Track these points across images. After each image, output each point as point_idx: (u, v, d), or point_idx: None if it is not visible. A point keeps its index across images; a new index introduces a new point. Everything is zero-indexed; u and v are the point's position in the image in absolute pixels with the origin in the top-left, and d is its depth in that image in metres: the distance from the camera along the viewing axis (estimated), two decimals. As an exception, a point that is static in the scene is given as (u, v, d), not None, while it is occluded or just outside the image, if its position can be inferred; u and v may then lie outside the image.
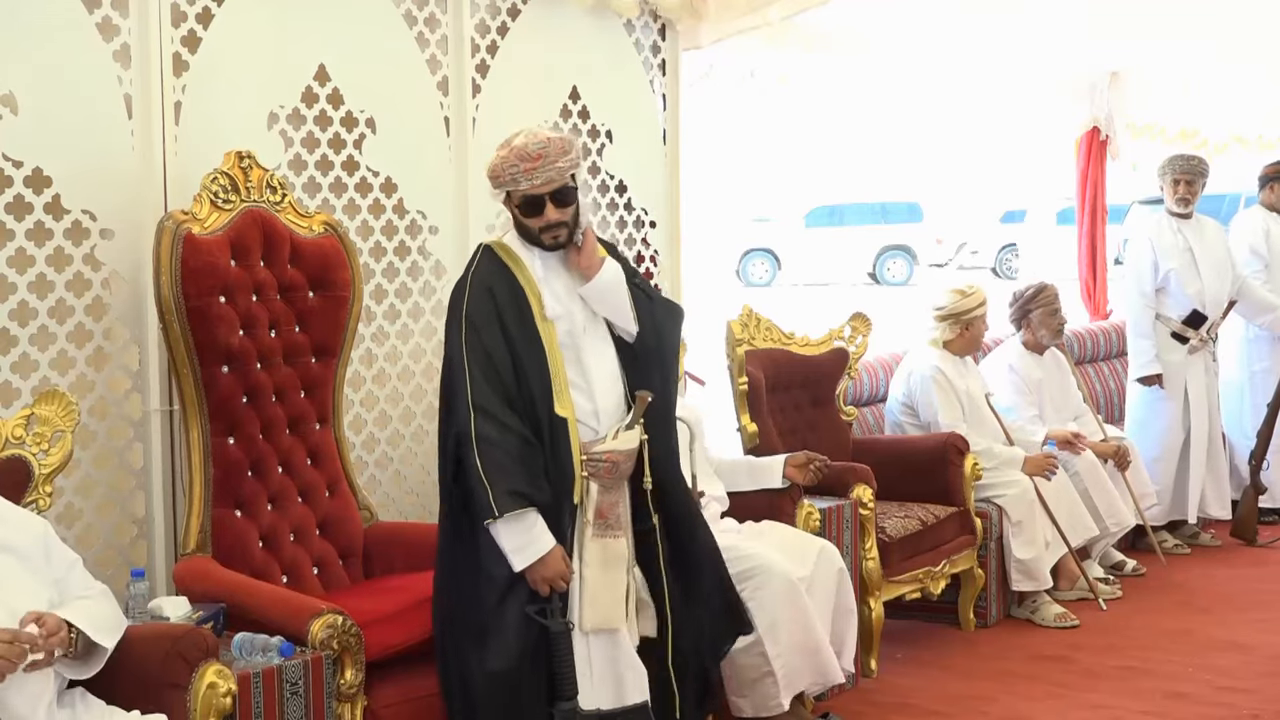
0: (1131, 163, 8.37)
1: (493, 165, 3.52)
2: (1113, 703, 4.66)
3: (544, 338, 3.45)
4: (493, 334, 3.43)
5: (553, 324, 3.48)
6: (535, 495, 3.36)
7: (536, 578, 3.36)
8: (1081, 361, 7.48)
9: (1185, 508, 6.73)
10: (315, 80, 4.24)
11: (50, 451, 3.29)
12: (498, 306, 3.45)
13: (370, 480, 4.45)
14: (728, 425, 5.39)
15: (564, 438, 3.44)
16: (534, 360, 3.44)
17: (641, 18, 5.32)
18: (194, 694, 2.93)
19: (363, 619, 3.40)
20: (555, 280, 3.55)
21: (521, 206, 3.51)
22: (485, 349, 3.41)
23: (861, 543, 4.96)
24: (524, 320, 3.46)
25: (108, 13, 3.75)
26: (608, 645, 3.50)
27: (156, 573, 3.79)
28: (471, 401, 3.37)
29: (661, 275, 5.50)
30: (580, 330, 3.53)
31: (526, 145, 3.47)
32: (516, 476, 3.34)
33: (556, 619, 3.37)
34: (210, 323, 3.69)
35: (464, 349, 3.42)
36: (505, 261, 3.54)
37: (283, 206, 3.93)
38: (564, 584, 3.39)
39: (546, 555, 3.35)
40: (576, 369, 3.51)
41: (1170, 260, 6.63)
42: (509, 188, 3.50)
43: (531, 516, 3.35)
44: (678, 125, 5.52)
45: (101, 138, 3.74)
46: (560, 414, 3.43)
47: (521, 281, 3.50)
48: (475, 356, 3.40)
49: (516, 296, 3.48)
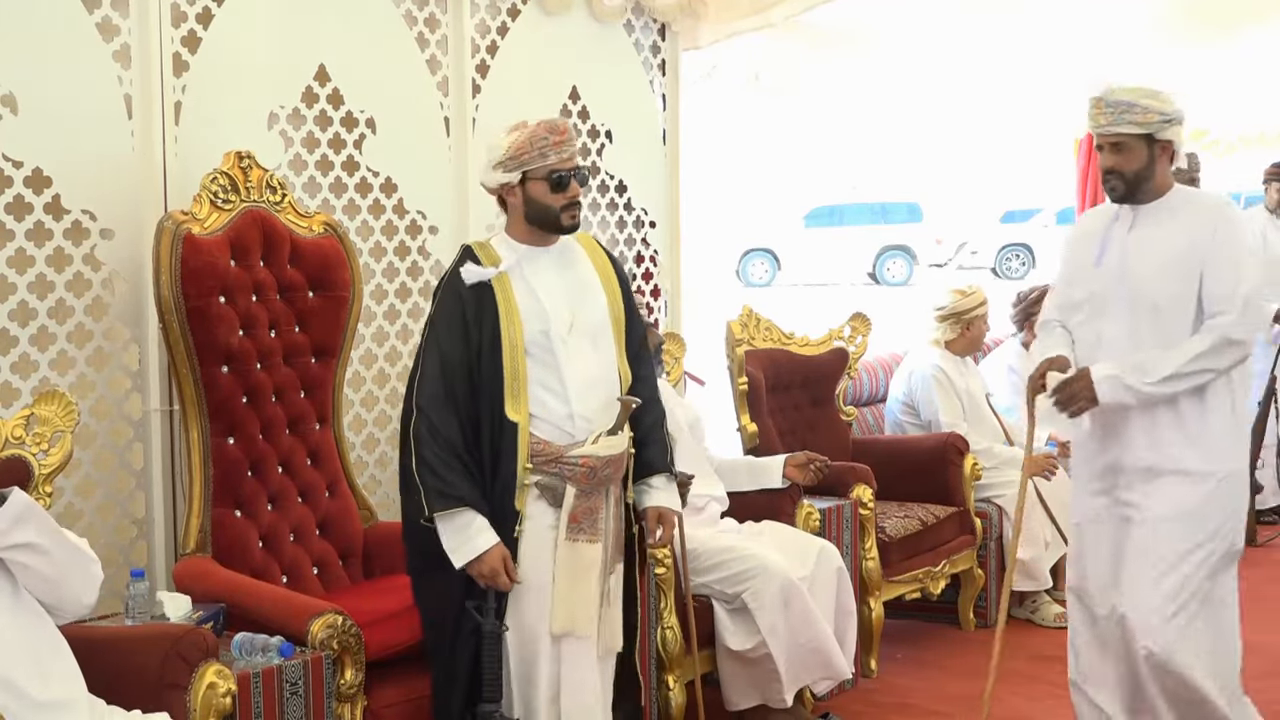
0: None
1: (515, 144, 3.42)
2: (1112, 703, 4.66)
3: (505, 339, 3.38)
4: (452, 336, 3.38)
5: (520, 325, 3.40)
6: (467, 496, 3.32)
7: (476, 576, 3.33)
8: (1081, 362, 7.48)
9: None
10: (315, 80, 4.25)
11: (50, 452, 3.28)
12: (464, 307, 3.39)
13: (370, 480, 4.46)
14: (728, 425, 5.39)
15: (510, 442, 3.37)
16: (493, 361, 3.38)
17: (641, 18, 5.33)
18: (194, 694, 2.93)
19: (363, 619, 3.40)
20: (538, 280, 3.46)
21: (550, 181, 3.43)
22: (440, 350, 3.38)
23: (861, 543, 4.96)
24: (487, 320, 3.39)
25: (107, 13, 3.75)
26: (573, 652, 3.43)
27: (156, 573, 3.79)
28: (416, 402, 3.36)
29: (661, 275, 5.51)
30: (563, 331, 3.43)
31: (549, 121, 3.46)
32: (447, 478, 3.31)
33: (489, 619, 3.33)
34: (210, 323, 3.69)
35: (422, 349, 3.43)
36: (483, 261, 3.45)
37: (283, 207, 3.94)
38: (505, 583, 3.33)
39: (484, 554, 3.30)
40: (550, 371, 3.41)
41: None
42: (535, 163, 3.41)
43: (466, 515, 3.31)
44: (678, 125, 5.53)
45: (101, 138, 3.74)
46: (511, 418, 3.37)
47: (493, 282, 3.42)
48: (430, 357, 3.38)
49: (483, 297, 3.40)
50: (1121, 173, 3.79)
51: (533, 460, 3.38)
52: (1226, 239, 3.76)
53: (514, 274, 3.44)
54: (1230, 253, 3.76)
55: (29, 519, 2.73)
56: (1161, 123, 3.74)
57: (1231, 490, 3.85)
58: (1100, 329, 3.89)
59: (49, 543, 2.75)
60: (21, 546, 2.71)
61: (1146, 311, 3.80)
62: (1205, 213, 3.82)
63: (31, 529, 2.72)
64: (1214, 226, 3.77)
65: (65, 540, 2.80)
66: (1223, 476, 3.80)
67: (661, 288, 5.52)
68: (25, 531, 2.71)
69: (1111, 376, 3.75)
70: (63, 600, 2.81)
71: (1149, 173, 3.79)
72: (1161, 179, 3.83)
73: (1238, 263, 3.75)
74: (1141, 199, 3.83)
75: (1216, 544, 3.84)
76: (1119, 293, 3.84)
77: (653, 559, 4.07)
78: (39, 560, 2.73)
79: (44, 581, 2.77)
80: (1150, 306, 3.79)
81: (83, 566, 2.83)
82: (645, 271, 5.46)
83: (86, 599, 2.85)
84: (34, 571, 2.74)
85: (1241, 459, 3.93)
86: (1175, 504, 3.77)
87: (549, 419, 3.41)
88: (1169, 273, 3.77)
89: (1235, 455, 3.88)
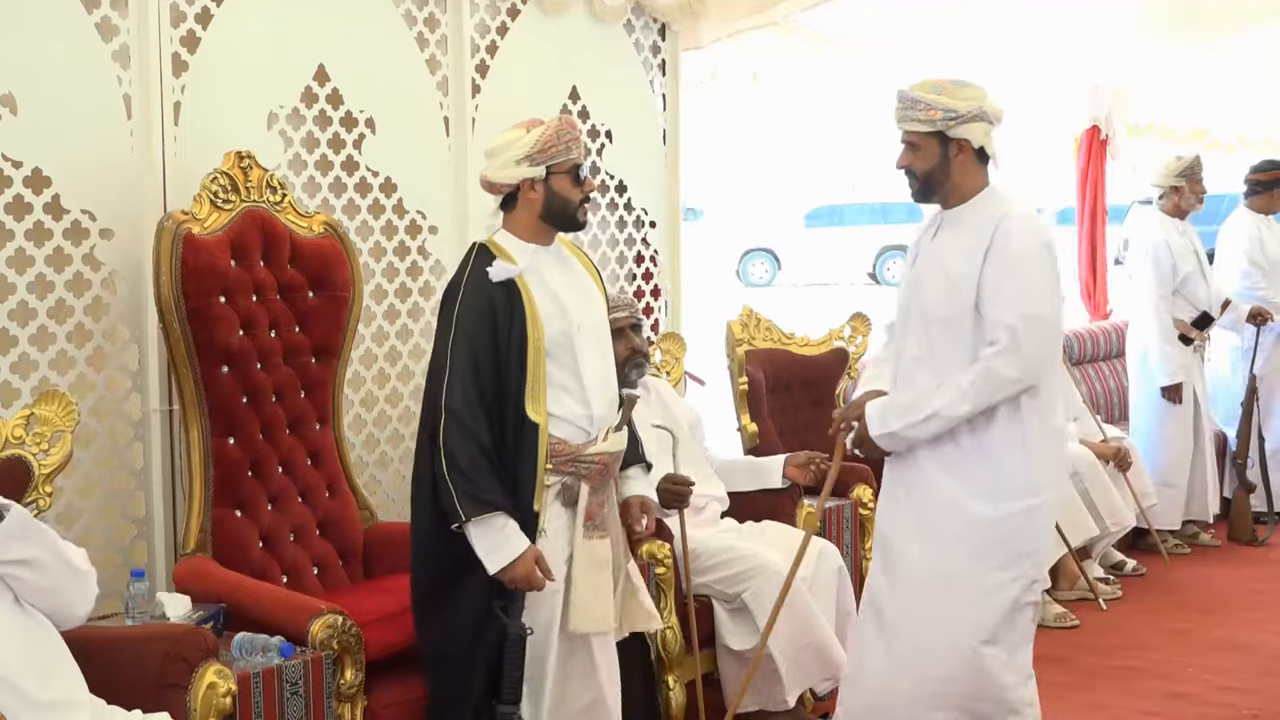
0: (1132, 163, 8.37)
1: (543, 138, 3.44)
2: (1113, 703, 4.66)
3: (530, 339, 3.38)
4: (482, 337, 3.36)
5: (542, 325, 3.40)
6: (499, 500, 3.31)
7: (509, 580, 3.32)
8: (1081, 361, 7.48)
9: (1205, 505, 6.76)
10: (314, 80, 4.25)
11: (50, 452, 3.28)
12: (494, 306, 3.38)
13: (370, 480, 4.45)
14: (728, 425, 5.39)
15: (531, 443, 3.37)
16: (517, 361, 3.38)
17: (641, 18, 5.33)
18: (194, 694, 2.93)
19: (363, 619, 3.40)
20: (551, 278, 3.49)
21: (573, 175, 3.47)
22: (471, 352, 3.35)
23: (861, 543, 4.96)
24: (515, 320, 3.40)
25: (107, 13, 3.75)
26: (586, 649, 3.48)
27: (156, 573, 3.79)
28: (446, 404, 3.33)
29: (661, 275, 5.50)
30: (575, 330, 3.46)
31: (566, 118, 3.53)
32: (479, 482, 3.29)
33: (516, 621, 3.31)
34: (210, 323, 3.69)
35: (449, 350, 3.37)
36: (501, 260, 3.47)
37: (283, 207, 3.93)
38: (540, 583, 3.32)
39: (518, 558, 3.29)
40: (570, 372, 3.44)
41: (1186, 263, 6.64)
42: (561, 157, 3.45)
43: (499, 520, 3.29)
44: (677, 125, 5.53)
45: (101, 138, 3.74)
46: (533, 419, 3.37)
47: (516, 280, 3.44)
48: (458, 359, 3.35)
49: (511, 295, 3.41)
50: (914, 171, 3.55)
51: (551, 460, 3.39)
52: (1001, 257, 3.39)
53: (529, 274, 3.45)
54: (1001, 274, 3.38)
55: (27, 535, 2.75)
56: (948, 119, 3.45)
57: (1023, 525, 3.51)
58: (900, 348, 3.62)
59: (47, 557, 2.77)
60: (17, 562, 2.73)
61: (936, 329, 3.51)
62: (986, 224, 3.46)
63: (29, 545, 2.74)
64: (989, 241, 3.42)
65: (63, 554, 2.82)
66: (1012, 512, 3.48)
67: (661, 288, 5.52)
68: (22, 548, 2.73)
69: (878, 417, 3.52)
70: (56, 610, 2.83)
71: (943, 173, 3.51)
72: (962, 180, 3.53)
73: (1013, 285, 3.37)
74: (944, 202, 3.57)
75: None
76: (912, 307, 3.58)
77: (652, 558, 4.08)
78: (35, 575, 2.76)
79: (38, 593, 2.79)
80: (937, 323, 3.50)
81: (79, 581, 2.85)
82: (645, 271, 5.46)
83: (80, 611, 2.87)
84: (29, 584, 2.76)
85: (1039, 492, 3.52)
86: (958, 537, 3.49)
87: (567, 418, 3.43)
88: (945, 288, 3.47)
89: (1029, 489, 3.50)
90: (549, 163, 3.44)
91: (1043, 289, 3.41)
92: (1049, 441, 3.55)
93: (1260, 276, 6.99)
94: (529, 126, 3.48)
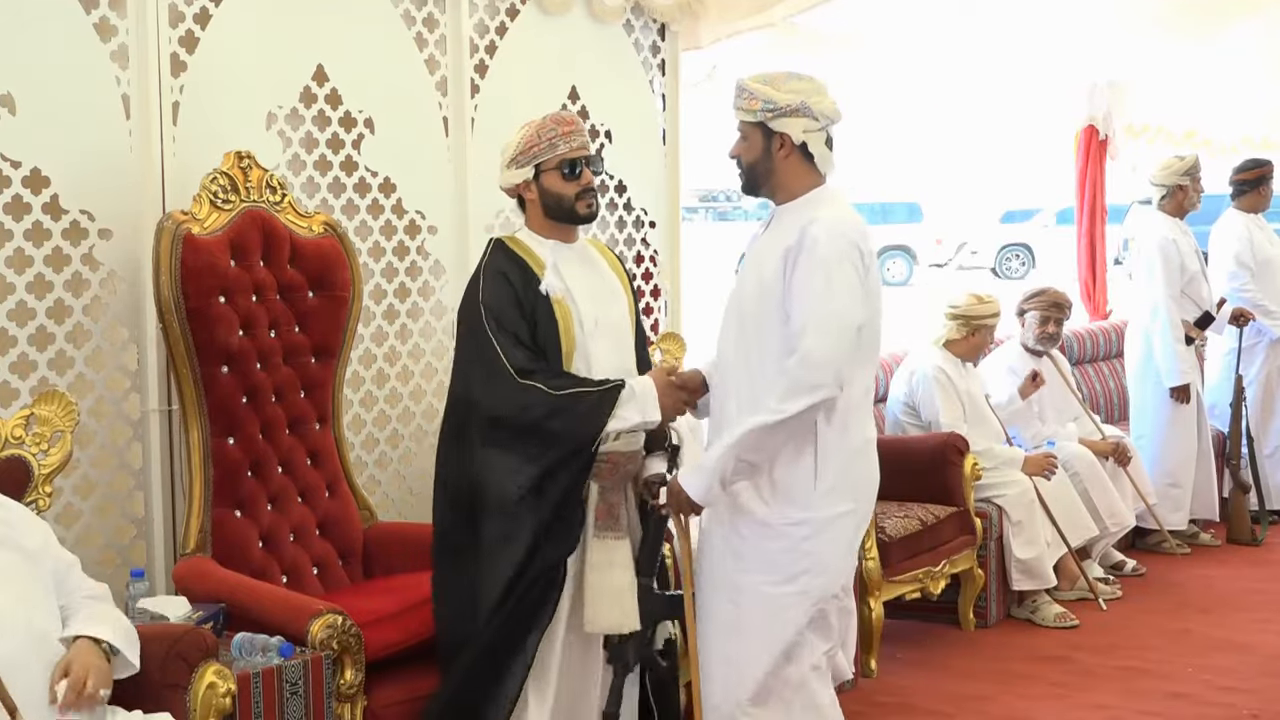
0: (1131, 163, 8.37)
1: (523, 139, 3.51)
2: (1113, 703, 4.66)
3: (559, 319, 3.44)
4: (513, 315, 3.41)
5: (569, 308, 3.47)
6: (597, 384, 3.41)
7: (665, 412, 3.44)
8: (1081, 361, 7.48)
9: (1211, 504, 6.77)
10: (313, 80, 4.24)
11: (50, 452, 3.29)
12: (515, 291, 3.44)
13: (370, 480, 4.45)
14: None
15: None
16: (550, 343, 3.44)
17: (641, 18, 5.32)
18: (194, 694, 2.93)
19: (363, 619, 3.40)
20: (567, 271, 3.52)
21: (561, 170, 3.50)
22: (511, 329, 3.40)
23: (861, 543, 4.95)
24: (540, 306, 3.45)
25: (105, 13, 3.75)
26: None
27: (156, 573, 3.79)
28: (512, 367, 3.35)
29: (661, 275, 5.50)
30: (591, 325, 3.50)
31: (555, 113, 3.56)
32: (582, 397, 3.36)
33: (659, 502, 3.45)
34: (210, 323, 3.69)
35: (488, 333, 3.39)
36: (518, 253, 3.52)
37: (282, 207, 3.93)
38: (683, 409, 3.51)
39: (658, 404, 3.42)
40: (583, 363, 3.49)
41: (1192, 263, 6.64)
42: (545, 155, 3.49)
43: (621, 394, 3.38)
44: (677, 125, 5.53)
45: (100, 138, 3.74)
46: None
47: (535, 270, 3.48)
48: (504, 334, 3.38)
49: (531, 283, 3.46)
50: (740, 161, 3.41)
51: None
52: (807, 260, 3.19)
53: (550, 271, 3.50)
54: (806, 277, 3.19)
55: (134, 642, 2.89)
56: (768, 111, 3.28)
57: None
58: (720, 347, 3.46)
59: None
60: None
61: (750, 328, 3.34)
62: (796, 225, 3.26)
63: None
64: (796, 243, 3.22)
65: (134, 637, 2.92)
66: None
67: (661, 288, 5.52)
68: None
69: (689, 476, 3.35)
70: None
71: (766, 167, 3.35)
72: (787, 176, 3.36)
73: (812, 289, 3.18)
74: (773, 197, 3.42)
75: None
76: (732, 305, 3.43)
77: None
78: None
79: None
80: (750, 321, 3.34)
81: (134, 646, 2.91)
82: (645, 271, 5.46)
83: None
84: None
85: (834, 505, 3.33)
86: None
87: None
88: (757, 288, 3.32)
89: (819, 501, 3.31)
90: (534, 162, 3.51)
91: (840, 292, 3.20)
92: (848, 453, 3.33)
93: (1248, 277, 6.98)
94: (521, 129, 3.54)
